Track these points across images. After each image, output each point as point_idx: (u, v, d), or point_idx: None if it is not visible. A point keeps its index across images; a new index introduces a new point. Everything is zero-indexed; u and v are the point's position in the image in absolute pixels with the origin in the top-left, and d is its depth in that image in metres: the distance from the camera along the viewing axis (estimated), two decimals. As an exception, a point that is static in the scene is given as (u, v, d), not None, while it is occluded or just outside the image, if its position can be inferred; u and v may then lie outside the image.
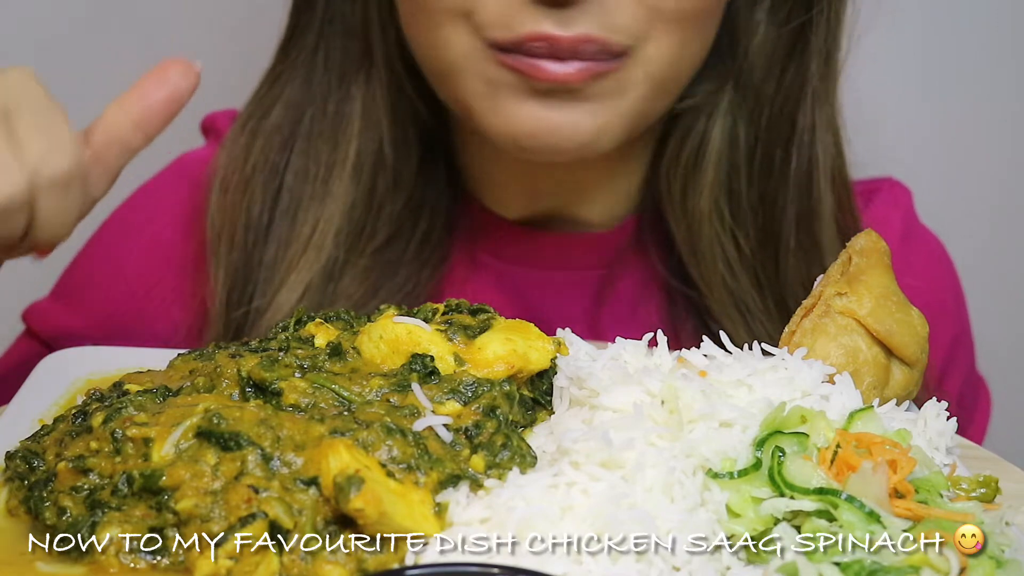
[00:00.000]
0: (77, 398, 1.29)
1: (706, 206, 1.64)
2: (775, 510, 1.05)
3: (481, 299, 1.52)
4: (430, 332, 1.20)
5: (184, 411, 1.11)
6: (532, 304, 1.70)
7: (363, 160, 1.61)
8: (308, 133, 1.63)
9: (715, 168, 1.64)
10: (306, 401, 1.13)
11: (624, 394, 1.16)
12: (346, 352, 1.20)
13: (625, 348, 1.25)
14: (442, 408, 1.14)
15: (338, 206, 1.61)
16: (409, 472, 1.07)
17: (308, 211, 1.62)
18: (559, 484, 1.07)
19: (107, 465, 1.09)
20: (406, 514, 1.03)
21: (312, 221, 1.61)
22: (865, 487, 1.05)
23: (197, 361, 1.25)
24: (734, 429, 1.12)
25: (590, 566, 1.02)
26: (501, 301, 1.68)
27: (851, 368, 1.24)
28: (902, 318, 1.27)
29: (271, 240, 1.63)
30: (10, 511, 1.11)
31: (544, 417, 1.21)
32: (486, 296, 1.64)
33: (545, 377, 1.23)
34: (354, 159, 1.61)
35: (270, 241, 1.63)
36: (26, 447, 1.16)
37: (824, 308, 1.27)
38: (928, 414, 1.21)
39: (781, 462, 1.07)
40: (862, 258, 1.30)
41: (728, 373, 1.18)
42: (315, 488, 1.05)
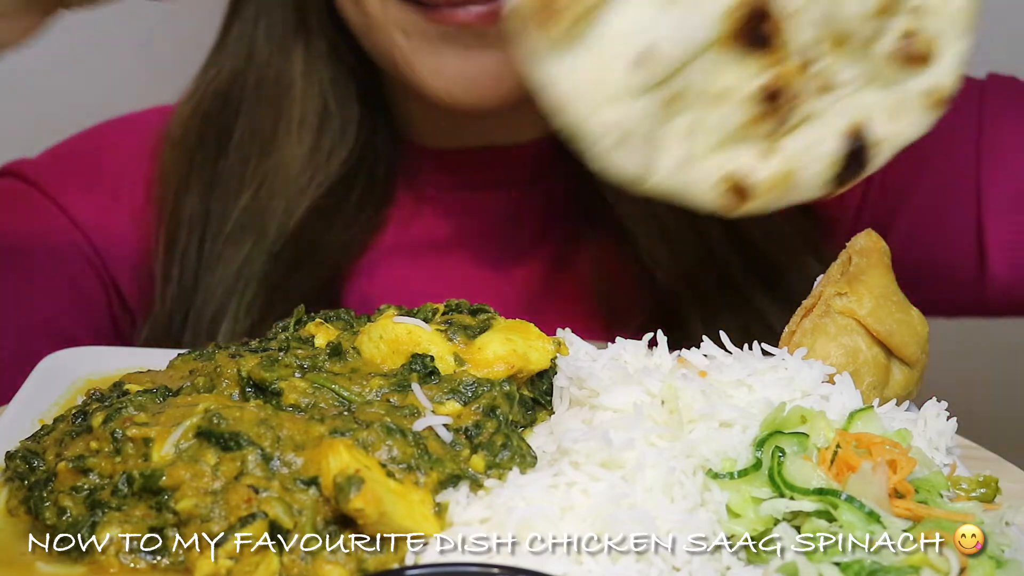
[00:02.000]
0: (77, 398, 1.29)
1: None
2: (775, 511, 1.05)
3: (430, 230, 1.73)
4: (430, 332, 1.20)
5: (184, 411, 1.11)
6: (481, 225, 1.77)
7: (307, 118, 1.70)
8: (253, 96, 1.72)
9: None
10: (306, 401, 1.14)
11: (624, 394, 1.16)
12: (346, 352, 1.20)
13: (625, 348, 1.25)
14: (442, 408, 1.14)
15: (283, 159, 1.69)
16: (409, 472, 1.07)
17: (257, 166, 1.70)
18: (559, 484, 1.07)
19: (107, 465, 1.09)
20: (406, 514, 1.03)
21: (260, 176, 1.69)
22: (865, 487, 1.05)
23: (197, 361, 1.25)
24: (734, 429, 1.12)
25: (590, 566, 1.02)
26: (449, 229, 1.77)
27: (851, 368, 1.24)
28: (902, 318, 1.28)
29: (216, 194, 1.71)
30: (10, 511, 1.11)
31: (544, 417, 1.21)
32: (435, 226, 1.76)
33: (545, 377, 1.23)
34: (298, 118, 1.69)
35: (215, 196, 1.71)
36: (26, 447, 1.16)
37: (824, 308, 1.27)
38: (928, 414, 1.21)
39: (781, 462, 1.07)
40: (862, 258, 1.30)
41: (728, 373, 1.18)
42: (315, 488, 1.05)
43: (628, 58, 1.28)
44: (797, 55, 1.34)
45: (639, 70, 1.28)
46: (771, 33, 1.33)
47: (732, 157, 1.35)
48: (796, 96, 1.35)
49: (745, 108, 1.34)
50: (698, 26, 1.30)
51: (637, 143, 1.32)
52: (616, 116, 1.29)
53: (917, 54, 1.35)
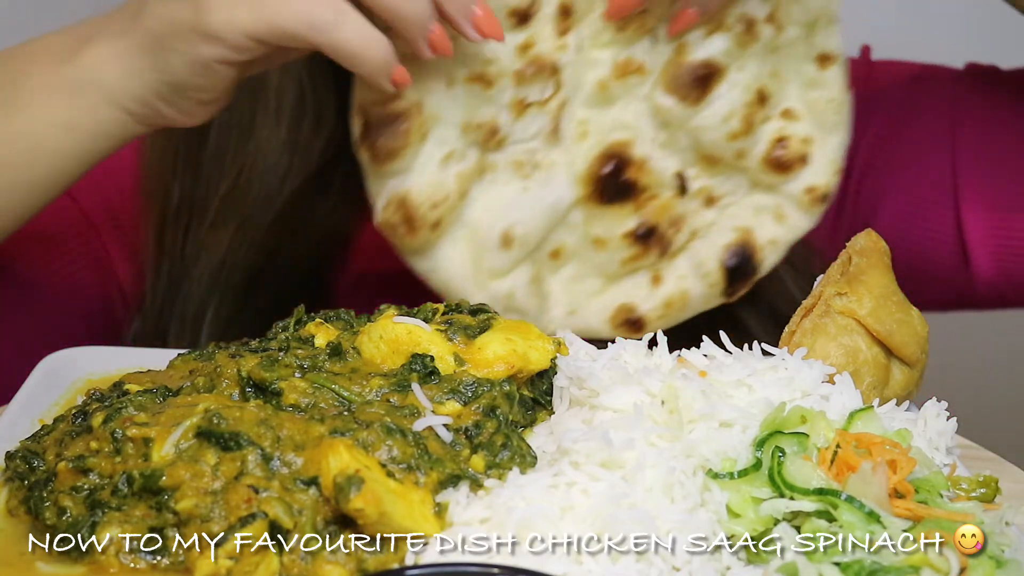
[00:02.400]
0: (77, 398, 1.29)
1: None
2: (775, 511, 1.05)
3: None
4: (430, 332, 1.20)
5: (184, 411, 1.11)
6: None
7: (283, 104, 1.69)
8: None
9: None
10: (306, 401, 1.13)
11: (624, 394, 1.16)
12: (346, 352, 1.20)
13: (625, 348, 1.25)
14: (442, 408, 1.14)
15: (260, 146, 1.68)
16: (409, 472, 1.07)
17: (236, 154, 1.69)
18: (559, 484, 1.07)
19: (107, 465, 1.09)
20: (406, 514, 1.03)
21: (239, 163, 1.68)
22: (865, 487, 1.04)
23: (197, 361, 1.25)
24: (734, 429, 1.12)
25: (590, 566, 1.02)
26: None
27: (851, 368, 1.24)
28: (902, 318, 1.28)
29: (200, 183, 1.70)
30: (10, 511, 1.11)
31: (544, 417, 1.21)
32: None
33: (545, 377, 1.23)
34: (275, 104, 1.68)
35: (198, 185, 1.70)
36: (26, 447, 1.16)
37: (824, 308, 1.27)
38: (928, 414, 1.21)
39: (781, 462, 1.07)
40: (862, 258, 1.30)
41: (728, 373, 1.18)
42: (315, 488, 1.05)
43: (494, 241, 1.37)
44: (668, 188, 1.41)
45: (507, 249, 1.38)
46: (634, 178, 1.40)
47: (622, 292, 1.43)
48: (678, 220, 1.42)
49: (623, 249, 1.41)
50: (555, 198, 1.39)
51: (527, 302, 1.41)
52: (499, 288, 1.39)
53: (790, 161, 1.43)
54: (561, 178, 1.39)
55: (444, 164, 1.36)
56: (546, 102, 1.37)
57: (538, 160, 1.39)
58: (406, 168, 1.35)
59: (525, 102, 1.36)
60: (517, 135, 1.38)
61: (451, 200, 1.35)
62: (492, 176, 1.39)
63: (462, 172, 1.36)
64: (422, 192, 1.35)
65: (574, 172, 1.39)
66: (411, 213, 1.35)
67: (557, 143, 1.39)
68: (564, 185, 1.39)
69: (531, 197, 1.38)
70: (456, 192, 1.36)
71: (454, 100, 1.35)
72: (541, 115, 1.37)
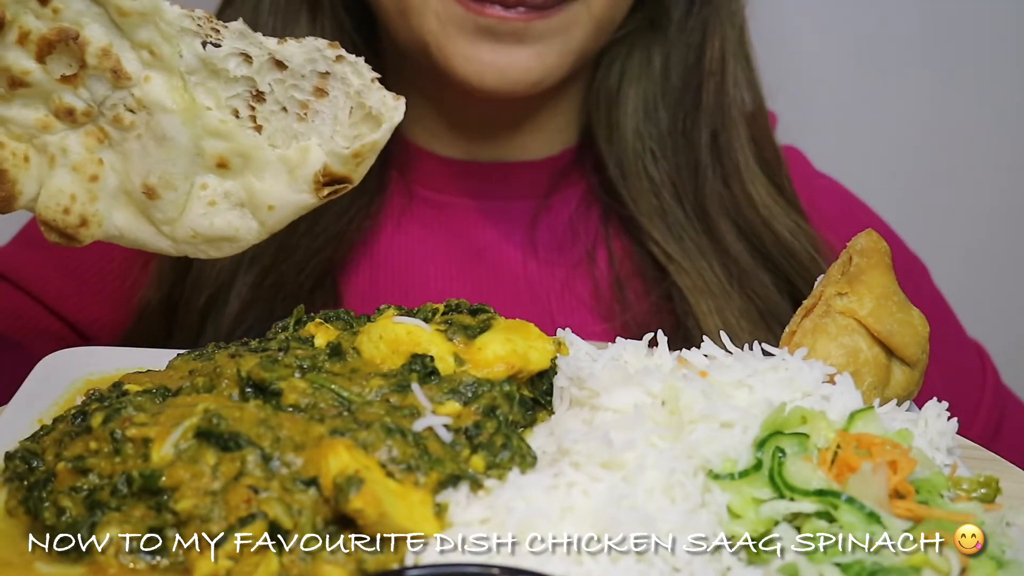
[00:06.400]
0: (77, 398, 1.29)
1: (629, 129, 1.79)
2: (775, 512, 1.05)
3: (418, 230, 1.76)
4: (430, 332, 1.20)
5: (184, 411, 1.11)
6: (470, 234, 1.80)
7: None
8: None
9: (634, 96, 1.80)
10: (306, 401, 1.13)
11: (624, 394, 1.16)
12: (346, 352, 1.20)
13: (625, 348, 1.25)
14: (442, 408, 1.14)
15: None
16: (409, 472, 1.07)
17: None
18: (559, 484, 1.07)
19: (107, 465, 1.09)
20: (406, 514, 1.03)
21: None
22: (865, 488, 1.04)
23: (197, 361, 1.25)
24: (735, 430, 1.12)
25: (590, 566, 1.01)
26: (439, 232, 1.80)
27: (851, 368, 1.23)
28: (903, 318, 1.27)
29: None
30: (10, 511, 1.11)
31: (544, 417, 1.21)
32: (424, 227, 1.79)
33: (545, 377, 1.23)
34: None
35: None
36: (26, 447, 1.16)
37: (825, 308, 1.27)
38: (929, 414, 1.21)
39: (781, 463, 1.07)
40: (863, 258, 1.30)
41: (729, 373, 1.18)
42: (315, 488, 1.05)
43: (142, 197, 1.30)
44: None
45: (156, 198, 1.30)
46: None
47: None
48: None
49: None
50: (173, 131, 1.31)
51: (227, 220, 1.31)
52: (183, 230, 1.31)
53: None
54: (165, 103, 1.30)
55: (54, 168, 1.31)
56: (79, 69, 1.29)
57: (131, 107, 1.31)
58: (31, 195, 1.30)
59: (67, 75, 1.29)
60: (97, 97, 1.31)
61: (81, 194, 1.30)
62: (108, 141, 1.32)
63: (76, 163, 1.31)
64: (48, 208, 1.30)
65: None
66: (56, 228, 1.30)
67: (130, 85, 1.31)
68: (176, 123, 1.31)
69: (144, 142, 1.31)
70: (83, 181, 1.31)
71: (14, 114, 1.30)
72: (97, 79, 1.30)
